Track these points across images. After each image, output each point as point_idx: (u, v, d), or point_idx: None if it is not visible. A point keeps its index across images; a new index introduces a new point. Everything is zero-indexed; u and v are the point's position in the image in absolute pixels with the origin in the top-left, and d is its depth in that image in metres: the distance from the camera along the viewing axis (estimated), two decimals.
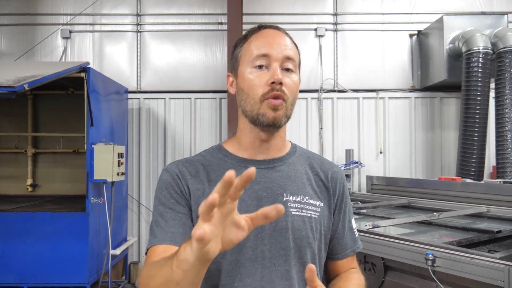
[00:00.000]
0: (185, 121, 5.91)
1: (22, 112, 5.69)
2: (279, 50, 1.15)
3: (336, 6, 6.02)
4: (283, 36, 1.20)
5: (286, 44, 1.18)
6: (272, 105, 1.12)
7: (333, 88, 5.94)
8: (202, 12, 6.01)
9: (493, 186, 3.85)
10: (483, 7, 5.92)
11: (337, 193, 1.26)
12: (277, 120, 1.13)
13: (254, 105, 1.14)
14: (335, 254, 1.27)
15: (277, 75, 1.12)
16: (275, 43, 1.16)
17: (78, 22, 5.95)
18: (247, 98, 1.16)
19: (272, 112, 1.12)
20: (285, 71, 1.16)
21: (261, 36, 1.18)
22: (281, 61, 1.15)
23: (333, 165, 1.32)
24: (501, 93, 4.78)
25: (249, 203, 1.13)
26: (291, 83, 1.16)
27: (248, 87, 1.16)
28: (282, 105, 1.13)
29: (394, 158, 5.89)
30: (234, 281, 1.11)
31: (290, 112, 1.17)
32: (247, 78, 1.16)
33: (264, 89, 1.13)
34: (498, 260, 2.13)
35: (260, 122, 1.14)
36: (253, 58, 1.16)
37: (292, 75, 1.17)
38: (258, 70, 1.15)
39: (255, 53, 1.16)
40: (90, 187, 4.23)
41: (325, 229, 1.21)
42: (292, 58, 1.17)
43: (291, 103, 1.16)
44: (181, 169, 1.18)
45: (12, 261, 4.10)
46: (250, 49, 1.17)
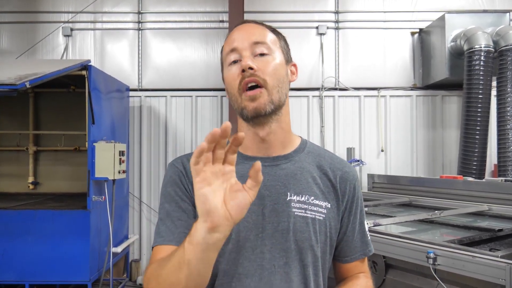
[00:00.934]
0: (186, 119, 5.91)
1: (23, 110, 5.70)
2: (245, 39, 1.12)
3: (337, 4, 6.00)
4: (251, 25, 1.17)
5: (252, 31, 1.15)
6: (248, 96, 1.08)
7: (334, 86, 5.94)
8: (203, 10, 6.00)
9: (494, 184, 3.84)
10: (485, 5, 5.91)
11: (347, 194, 1.20)
12: (259, 109, 1.08)
13: (236, 101, 1.12)
14: (343, 257, 1.23)
15: (244, 61, 1.09)
16: (241, 35, 1.14)
17: (80, 20, 5.95)
18: (231, 97, 1.14)
19: (251, 102, 1.08)
20: (260, 56, 1.12)
21: (230, 35, 1.17)
22: (250, 49, 1.12)
23: (344, 164, 1.25)
24: (502, 91, 4.77)
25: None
26: (266, 64, 1.11)
27: (227, 85, 1.15)
28: (260, 93, 1.08)
29: (395, 156, 5.89)
30: (232, 280, 1.09)
31: (276, 97, 1.11)
32: (226, 77, 1.15)
33: (237, 81, 1.10)
34: (500, 258, 2.13)
35: (246, 117, 1.11)
36: (225, 56, 1.15)
37: (266, 57, 1.12)
38: (233, 65, 1.13)
39: (227, 50, 1.15)
40: (91, 185, 4.23)
41: (331, 231, 1.17)
42: (260, 41, 1.13)
43: (274, 86, 1.11)
44: (186, 165, 1.16)
45: (13, 259, 4.11)
46: (224, 49, 1.17)
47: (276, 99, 1.11)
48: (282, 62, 1.16)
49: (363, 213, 1.27)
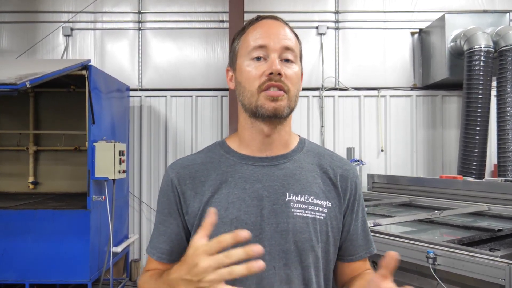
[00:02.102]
0: (186, 119, 5.91)
1: (23, 110, 5.70)
2: (277, 40, 1.10)
3: (337, 4, 6.01)
4: (282, 25, 1.15)
5: (285, 34, 1.13)
6: (270, 96, 1.07)
7: (334, 86, 5.94)
8: (203, 10, 6.00)
9: (494, 184, 3.84)
10: (485, 5, 5.91)
11: (348, 192, 1.18)
12: (278, 110, 1.08)
13: (251, 97, 1.09)
14: (348, 256, 1.22)
15: (275, 66, 1.07)
16: (273, 33, 1.11)
17: (80, 19, 5.95)
18: (244, 91, 1.11)
19: (271, 102, 1.07)
20: (285, 62, 1.11)
21: (258, 27, 1.13)
22: (280, 51, 1.10)
23: (344, 162, 1.24)
24: (502, 91, 4.77)
25: (250, 202, 1.10)
26: (292, 74, 1.11)
27: (245, 80, 1.11)
28: (283, 96, 1.08)
29: (395, 156, 5.89)
30: (232, 282, 1.08)
31: (293, 104, 1.11)
32: (244, 70, 1.11)
33: (261, 80, 1.08)
34: (499, 258, 2.13)
35: (260, 114, 1.09)
36: (250, 50, 1.11)
37: (292, 65, 1.12)
38: (256, 61, 1.10)
39: (252, 44, 1.11)
40: (92, 185, 4.23)
41: (333, 230, 1.15)
42: (291, 48, 1.12)
43: (294, 95, 1.11)
44: (180, 172, 1.16)
45: (13, 259, 4.11)
46: (247, 40, 1.13)
47: (293, 106, 1.12)
48: (300, 71, 1.17)
49: (365, 211, 1.26)
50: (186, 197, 1.14)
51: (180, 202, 1.15)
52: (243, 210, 1.10)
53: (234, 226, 1.09)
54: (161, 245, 1.17)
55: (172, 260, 1.15)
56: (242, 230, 0.85)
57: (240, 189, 1.11)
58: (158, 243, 1.17)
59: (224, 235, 0.85)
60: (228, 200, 1.11)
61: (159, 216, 1.19)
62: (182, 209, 1.14)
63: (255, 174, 1.13)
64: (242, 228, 1.08)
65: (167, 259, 1.16)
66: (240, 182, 1.12)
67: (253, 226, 1.09)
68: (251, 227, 1.09)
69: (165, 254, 1.16)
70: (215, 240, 0.85)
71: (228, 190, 1.11)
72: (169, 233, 1.16)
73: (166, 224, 1.16)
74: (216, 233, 1.09)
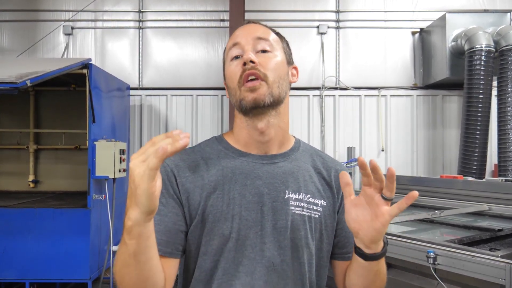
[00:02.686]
0: (186, 118, 5.91)
1: (24, 108, 5.69)
2: (248, 35, 1.14)
3: (338, 4, 6.00)
4: (256, 25, 1.19)
5: (256, 29, 1.17)
6: (248, 87, 1.09)
7: (335, 85, 5.94)
8: (204, 9, 6.00)
9: (494, 184, 3.84)
10: (486, 5, 5.91)
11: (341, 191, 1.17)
12: (258, 100, 1.09)
13: (235, 94, 1.12)
14: (347, 253, 1.22)
15: (246, 55, 1.10)
16: (245, 32, 1.16)
17: (80, 18, 5.95)
18: (230, 91, 1.15)
19: (250, 93, 1.09)
20: (262, 53, 1.13)
21: (235, 32, 1.19)
22: (253, 44, 1.13)
23: (336, 163, 1.27)
24: (503, 91, 4.77)
25: (250, 199, 1.11)
26: (268, 60, 1.12)
27: (228, 79, 1.16)
28: (259, 84, 1.09)
29: (395, 156, 5.89)
30: (231, 279, 1.08)
31: (276, 91, 1.11)
32: (227, 72, 1.16)
33: (238, 74, 1.11)
34: (500, 258, 2.13)
35: (244, 108, 1.10)
36: (227, 52, 1.17)
37: (268, 54, 1.14)
38: (235, 60, 1.14)
39: (229, 45, 1.16)
40: (92, 184, 4.23)
41: (327, 229, 1.17)
42: (263, 38, 1.14)
43: (275, 81, 1.11)
44: (179, 164, 1.14)
45: (13, 257, 4.11)
46: (227, 46, 1.18)
47: (276, 93, 1.11)
48: (284, 61, 1.17)
49: None
50: (186, 189, 1.11)
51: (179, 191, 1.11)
52: (244, 206, 1.10)
53: (235, 222, 1.09)
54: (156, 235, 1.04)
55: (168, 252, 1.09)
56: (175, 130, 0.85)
57: (241, 185, 1.12)
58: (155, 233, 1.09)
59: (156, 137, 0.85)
60: (230, 196, 1.11)
61: None
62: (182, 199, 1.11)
63: (255, 170, 1.14)
64: (243, 224, 1.09)
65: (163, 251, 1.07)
66: (240, 178, 1.13)
67: (253, 222, 1.10)
68: (251, 224, 1.10)
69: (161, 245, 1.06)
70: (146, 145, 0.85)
71: (229, 186, 1.11)
72: (166, 222, 1.09)
73: (162, 213, 1.09)
74: (218, 229, 1.09)
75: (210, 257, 1.10)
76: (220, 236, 1.09)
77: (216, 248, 1.09)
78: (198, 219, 1.10)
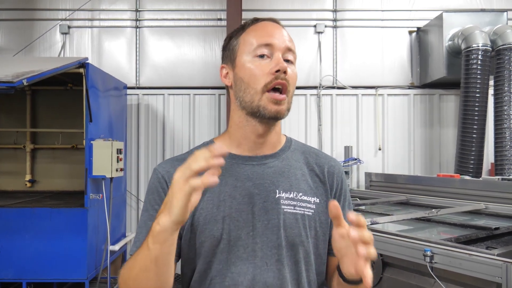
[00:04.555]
0: (184, 117, 5.91)
1: (20, 108, 5.68)
2: (282, 40, 1.13)
3: (335, 3, 6.01)
4: (282, 28, 1.19)
5: (287, 36, 1.17)
6: (274, 99, 1.09)
7: (332, 84, 5.94)
8: (201, 8, 5.99)
9: (491, 183, 3.85)
10: (483, 4, 5.92)
11: (334, 188, 1.22)
12: (280, 114, 1.11)
13: (254, 95, 1.11)
14: None
15: (282, 63, 1.09)
16: (277, 34, 1.14)
17: (77, 17, 5.93)
18: (247, 88, 1.12)
19: (274, 105, 1.10)
20: (287, 63, 1.13)
21: (261, 27, 1.16)
22: (283, 51, 1.13)
23: (329, 159, 1.27)
24: (500, 90, 4.78)
25: (240, 200, 1.11)
26: (293, 74, 1.14)
27: (249, 77, 1.12)
28: (284, 100, 1.11)
29: (392, 155, 5.90)
30: (225, 280, 1.09)
31: (290, 106, 1.15)
32: (247, 67, 1.12)
33: (267, 79, 1.09)
34: (496, 256, 2.14)
35: (261, 115, 1.11)
36: (255, 48, 1.12)
37: (292, 66, 1.15)
38: (260, 59, 1.12)
39: (257, 42, 1.13)
40: (89, 183, 4.22)
41: (322, 226, 1.17)
42: (292, 50, 1.15)
43: (292, 96, 1.15)
44: (170, 170, 1.15)
45: (10, 257, 4.09)
46: (250, 39, 1.14)
47: (290, 107, 1.15)
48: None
49: (351, 205, 1.29)
50: None
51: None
52: (234, 208, 1.11)
53: (226, 223, 1.10)
54: None
55: None
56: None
57: (231, 187, 1.13)
58: None
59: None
60: (220, 198, 1.12)
61: (148, 214, 1.15)
62: None
63: (245, 172, 1.15)
64: (234, 225, 1.10)
65: None
66: (230, 180, 1.14)
67: (244, 223, 1.10)
68: (242, 224, 1.10)
69: None
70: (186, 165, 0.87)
71: (219, 188, 1.12)
72: None
73: None
74: (208, 231, 1.10)
75: (202, 259, 1.11)
76: (211, 238, 1.10)
77: (208, 250, 1.10)
78: (189, 223, 1.12)
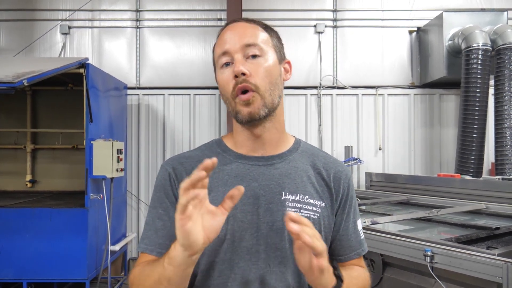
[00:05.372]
0: (184, 117, 5.91)
1: (21, 108, 5.68)
2: (236, 41, 1.11)
3: (335, 3, 6.01)
4: (242, 25, 1.16)
5: (244, 32, 1.13)
6: (241, 100, 1.09)
7: (332, 84, 5.94)
8: (201, 8, 5.99)
9: (491, 183, 3.85)
10: (483, 4, 5.92)
11: (340, 193, 1.20)
12: (253, 114, 1.09)
13: (229, 104, 1.13)
14: (337, 256, 1.23)
15: (236, 67, 1.08)
16: (232, 36, 1.13)
17: (77, 18, 5.93)
18: (224, 99, 1.15)
19: (244, 107, 1.09)
20: (252, 58, 1.11)
21: (222, 35, 1.17)
22: (242, 51, 1.11)
23: (338, 163, 1.25)
24: (500, 90, 4.78)
25: (246, 201, 1.11)
26: (258, 68, 1.10)
27: (221, 88, 1.15)
28: (253, 97, 1.09)
29: (393, 154, 5.90)
30: (228, 281, 1.09)
31: (269, 100, 1.11)
32: (218, 79, 1.16)
33: (231, 86, 1.10)
34: (497, 256, 2.14)
35: (240, 120, 1.12)
36: (217, 59, 1.15)
37: (258, 60, 1.11)
38: (225, 68, 1.13)
39: (218, 52, 1.14)
40: (89, 183, 4.22)
41: (325, 230, 1.17)
42: (252, 43, 1.12)
43: (266, 89, 1.11)
44: (177, 167, 1.16)
45: (11, 257, 4.10)
46: (216, 50, 1.16)
47: (269, 102, 1.11)
48: (275, 62, 1.15)
49: (357, 212, 1.27)
50: None
51: (178, 195, 1.13)
52: (239, 208, 1.10)
53: (230, 224, 1.10)
54: (160, 240, 1.13)
55: None
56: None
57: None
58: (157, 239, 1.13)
59: None
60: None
61: (155, 211, 1.16)
62: None
63: (251, 173, 1.15)
64: (238, 226, 1.10)
65: None
66: (236, 180, 1.13)
67: (249, 224, 1.10)
68: (247, 225, 1.10)
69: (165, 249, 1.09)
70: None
71: (224, 188, 1.11)
72: (168, 227, 1.12)
73: (164, 219, 1.14)
74: None
75: (205, 259, 1.11)
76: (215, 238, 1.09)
77: (211, 249, 1.10)
78: None
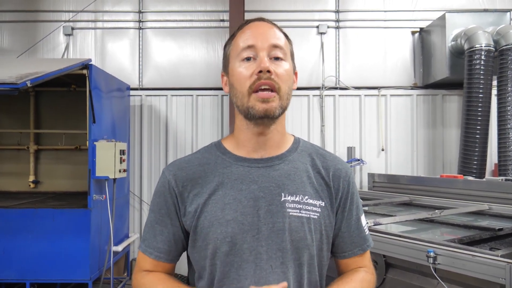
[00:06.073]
0: (186, 118, 5.91)
1: (24, 109, 5.70)
2: (265, 39, 1.12)
3: (338, 3, 6.00)
4: (269, 26, 1.17)
5: (273, 33, 1.15)
6: (260, 97, 1.08)
7: (334, 85, 5.94)
8: (203, 9, 6.00)
9: (494, 183, 3.84)
10: (486, 4, 5.91)
11: (340, 191, 1.21)
12: (269, 111, 1.09)
13: (243, 98, 1.11)
14: (341, 253, 1.24)
15: (263, 63, 1.09)
16: (260, 33, 1.13)
17: (80, 19, 5.95)
18: (236, 93, 1.13)
19: (262, 104, 1.09)
20: (275, 60, 1.12)
21: (246, 29, 1.16)
22: (268, 50, 1.11)
23: (337, 161, 1.26)
24: (503, 90, 4.77)
25: (246, 203, 1.12)
26: (282, 71, 1.12)
27: (236, 81, 1.13)
28: (274, 97, 1.09)
29: (395, 155, 5.89)
30: (231, 282, 1.10)
31: (285, 103, 1.13)
32: (235, 72, 1.14)
33: (251, 80, 1.09)
34: (500, 257, 2.13)
35: (251, 115, 1.10)
36: (240, 52, 1.13)
37: (282, 63, 1.13)
38: (246, 62, 1.12)
39: (241, 46, 1.13)
40: (92, 184, 4.24)
41: (327, 228, 1.17)
42: (279, 46, 1.13)
43: (286, 93, 1.12)
44: (177, 173, 1.18)
45: (14, 258, 4.11)
46: (237, 43, 1.15)
47: (285, 105, 1.13)
48: (292, 69, 1.17)
49: (360, 208, 1.27)
50: (183, 199, 1.16)
51: (178, 203, 1.17)
52: (239, 211, 1.11)
53: (231, 226, 1.10)
54: (159, 244, 1.18)
55: (169, 259, 1.20)
56: None
57: (236, 190, 1.13)
58: (156, 243, 1.18)
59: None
60: (225, 201, 1.12)
61: (155, 215, 1.20)
62: (180, 210, 1.17)
63: (250, 175, 1.15)
64: (239, 228, 1.10)
65: (165, 258, 1.19)
66: (236, 183, 1.14)
67: (249, 226, 1.11)
68: (247, 227, 1.11)
69: (163, 253, 1.19)
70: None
71: (224, 191, 1.13)
72: (167, 233, 1.18)
73: (163, 224, 1.18)
74: (213, 234, 1.11)
75: (208, 261, 1.13)
76: (215, 241, 1.11)
77: (213, 252, 1.12)
78: (194, 225, 1.14)
